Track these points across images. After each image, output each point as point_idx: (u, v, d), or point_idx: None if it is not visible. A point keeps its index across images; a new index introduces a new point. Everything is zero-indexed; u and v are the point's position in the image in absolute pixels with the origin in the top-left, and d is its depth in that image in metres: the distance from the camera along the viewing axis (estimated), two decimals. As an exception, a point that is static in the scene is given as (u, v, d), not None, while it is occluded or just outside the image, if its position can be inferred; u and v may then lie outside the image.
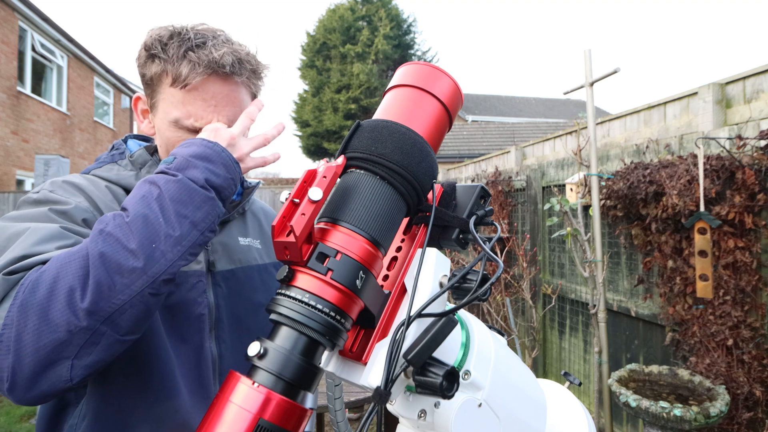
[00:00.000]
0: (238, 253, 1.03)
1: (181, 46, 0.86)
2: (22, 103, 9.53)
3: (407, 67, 0.64)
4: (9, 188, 9.01)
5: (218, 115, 0.89)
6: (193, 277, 0.93)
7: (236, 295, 1.00)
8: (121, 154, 0.98)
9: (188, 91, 0.87)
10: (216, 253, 0.99)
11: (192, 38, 0.87)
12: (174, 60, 0.86)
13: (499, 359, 0.59)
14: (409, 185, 0.55)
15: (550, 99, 25.31)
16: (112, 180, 0.93)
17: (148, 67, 0.89)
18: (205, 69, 0.86)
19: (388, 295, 0.55)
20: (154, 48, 0.87)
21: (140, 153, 0.96)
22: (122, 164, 0.96)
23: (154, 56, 0.87)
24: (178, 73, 0.86)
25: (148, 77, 0.90)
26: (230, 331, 0.97)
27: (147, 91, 0.93)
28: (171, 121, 0.89)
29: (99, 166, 0.96)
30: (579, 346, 3.91)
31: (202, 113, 0.88)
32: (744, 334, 2.42)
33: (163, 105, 0.90)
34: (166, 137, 0.91)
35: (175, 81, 0.87)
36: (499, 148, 10.73)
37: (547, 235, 4.38)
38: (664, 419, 2.14)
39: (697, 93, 3.04)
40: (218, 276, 0.98)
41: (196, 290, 0.93)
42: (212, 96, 0.88)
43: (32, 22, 9.70)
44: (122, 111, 15.00)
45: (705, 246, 2.36)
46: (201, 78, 0.86)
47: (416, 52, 22.76)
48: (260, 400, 0.44)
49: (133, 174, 0.94)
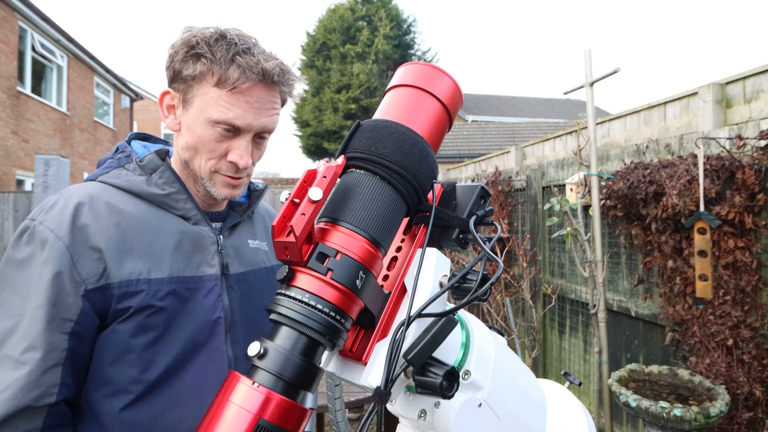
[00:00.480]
0: (248, 255, 1.06)
1: (229, 50, 0.88)
2: (22, 103, 9.53)
3: (407, 67, 0.64)
4: (9, 188, 9.00)
5: (258, 119, 0.91)
6: (209, 282, 0.95)
7: (248, 298, 1.02)
8: (127, 158, 0.98)
9: (233, 93, 0.89)
10: (229, 257, 1.01)
11: (238, 43, 0.90)
12: (222, 62, 0.88)
13: (499, 359, 0.59)
14: (409, 185, 0.55)
15: (550, 99, 25.30)
16: (121, 187, 0.93)
17: (189, 64, 0.90)
18: (256, 76, 0.89)
19: (388, 295, 0.55)
20: (199, 47, 0.89)
21: (151, 158, 0.96)
22: (130, 168, 0.96)
23: (200, 55, 0.89)
24: (226, 75, 0.87)
25: (186, 74, 0.90)
26: (244, 334, 0.99)
27: (180, 87, 0.93)
28: (209, 119, 0.90)
29: (106, 171, 0.96)
30: (579, 346, 3.91)
31: (243, 114, 0.90)
32: (744, 334, 2.42)
33: (201, 103, 0.90)
34: (198, 135, 0.91)
35: (221, 82, 0.88)
36: (499, 148, 10.73)
37: (547, 235, 4.38)
38: (664, 419, 2.14)
39: (697, 93, 3.04)
40: (232, 279, 1.00)
41: (212, 294, 0.95)
42: (256, 100, 0.91)
43: (32, 22, 9.69)
44: (122, 111, 14.99)
45: (705, 246, 2.36)
46: (250, 84, 0.89)
47: (416, 52, 22.75)
48: (260, 400, 0.44)
49: (143, 179, 0.94)
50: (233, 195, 0.98)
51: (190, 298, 0.92)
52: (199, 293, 0.93)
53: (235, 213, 1.08)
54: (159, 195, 0.94)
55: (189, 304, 0.91)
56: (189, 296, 0.92)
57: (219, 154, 0.93)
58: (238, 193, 0.99)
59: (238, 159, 0.92)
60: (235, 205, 1.09)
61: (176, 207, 0.95)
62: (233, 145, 0.93)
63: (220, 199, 0.98)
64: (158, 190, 0.94)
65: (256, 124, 0.92)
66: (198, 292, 0.93)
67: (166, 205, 0.95)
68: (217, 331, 0.95)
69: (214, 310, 0.94)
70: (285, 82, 0.94)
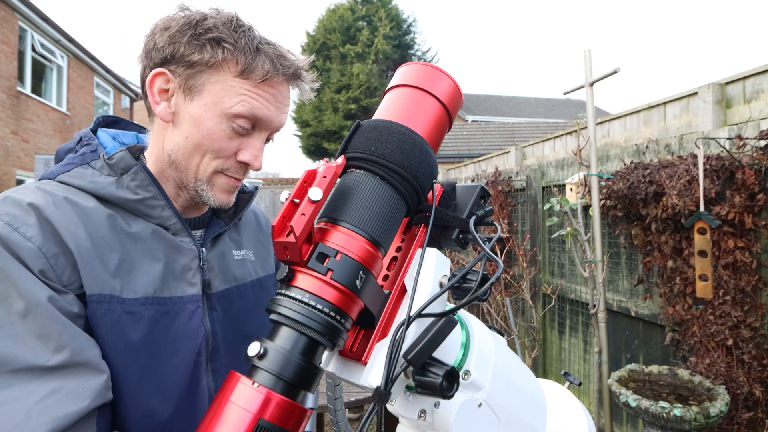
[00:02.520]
0: (233, 269, 0.93)
1: (252, 39, 0.80)
2: (22, 103, 9.53)
3: (407, 68, 0.64)
4: (9, 188, 8.99)
5: (279, 115, 0.84)
6: (190, 303, 0.82)
7: (231, 319, 0.89)
8: (93, 152, 0.81)
9: (260, 86, 0.79)
10: (212, 272, 0.88)
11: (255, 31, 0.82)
12: (247, 50, 0.78)
13: (499, 359, 0.59)
14: (409, 185, 0.55)
15: (550, 99, 25.30)
16: (86, 189, 0.77)
17: (206, 49, 0.78)
18: (287, 69, 0.81)
19: (388, 295, 0.55)
20: (219, 32, 0.78)
21: (122, 156, 0.79)
22: (97, 166, 0.79)
23: (221, 40, 0.78)
24: (254, 65, 0.78)
25: (196, 59, 0.78)
26: (226, 362, 0.87)
27: (181, 71, 0.79)
28: (227, 112, 0.78)
29: (66, 169, 0.80)
30: (579, 346, 3.91)
31: (268, 107, 0.81)
32: (744, 334, 2.42)
33: (217, 92, 0.79)
34: (208, 129, 0.79)
35: (247, 72, 0.78)
36: (499, 148, 10.72)
37: (547, 235, 4.38)
38: (664, 419, 2.14)
39: (697, 93, 3.04)
40: (214, 298, 0.87)
41: (195, 318, 0.82)
42: (280, 93, 0.83)
43: (32, 22, 9.69)
44: (122, 111, 14.99)
45: (705, 246, 2.36)
46: (282, 78, 0.81)
47: (416, 52, 22.75)
48: (260, 400, 0.44)
49: (112, 181, 0.78)
50: (229, 202, 0.86)
51: (171, 323, 0.78)
52: (179, 318, 0.79)
53: (220, 220, 0.94)
54: (131, 200, 0.79)
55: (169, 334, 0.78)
56: (168, 321, 0.78)
57: (228, 154, 0.82)
58: (233, 200, 0.88)
59: (252, 159, 0.82)
60: (219, 211, 0.94)
61: (152, 215, 0.80)
62: (247, 143, 0.82)
63: (214, 206, 0.86)
64: (130, 194, 0.79)
65: (276, 121, 0.83)
66: (178, 317, 0.79)
67: (140, 212, 0.80)
68: (198, 362, 0.81)
69: (196, 336, 0.81)
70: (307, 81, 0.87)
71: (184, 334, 0.80)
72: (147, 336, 0.75)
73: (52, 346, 0.64)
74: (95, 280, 0.71)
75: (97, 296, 0.71)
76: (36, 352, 0.63)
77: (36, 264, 0.67)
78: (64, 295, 0.68)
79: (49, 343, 0.64)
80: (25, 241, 0.67)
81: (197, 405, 0.81)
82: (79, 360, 0.66)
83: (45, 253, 0.68)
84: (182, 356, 0.79)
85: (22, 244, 0.67)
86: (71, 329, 0.67)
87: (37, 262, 0.67)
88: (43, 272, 0.67)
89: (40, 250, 0.68)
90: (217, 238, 0.92)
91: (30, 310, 0.64)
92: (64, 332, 0.65)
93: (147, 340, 0.75)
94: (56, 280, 0.68)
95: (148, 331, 0.75)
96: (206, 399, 0.82)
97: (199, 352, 0.81)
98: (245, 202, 0.98)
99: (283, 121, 0.85)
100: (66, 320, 0.66)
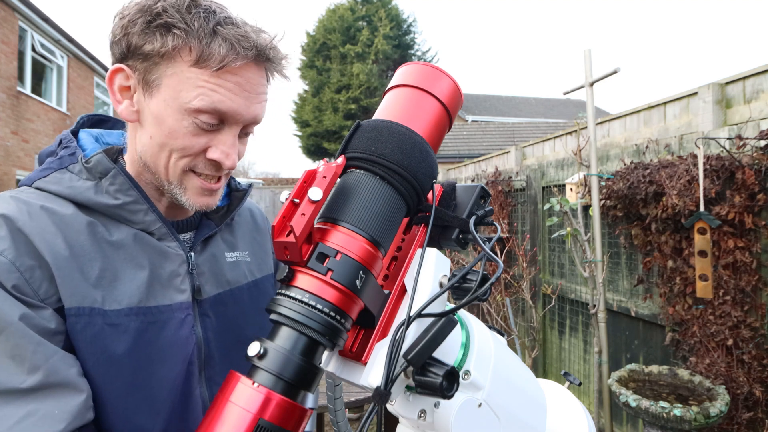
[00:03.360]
0: (226, 272, 0.88)
1: (209, 20, 0.70)
2: (22, 103, 9.53)
3: (407, 68, 0.64)
4: (9, 188, 9.00)
5: (249, 106, 0.74)
6: (179, 312, 0.77)
7: (226, 324, 0.85)
8: (71, 156, 0.76)
9: (219, 74, 0.70)
10: (202, 276, 0.83)
11: (216, 11, 0.71)
12: (201, 34, 0.69)
13: (499, 359, 0.59)
14: (409, 185, 0.55)
15: (550, 99, 25.31)
16: (63, 195, 0.73)
17: (155, 37, 0.69)
18: (249, 52, 0.71)
19: (388, 295, 0.55)
20: (168, 15, 0.69)
21: (98, 159, 0.75)
22: (75, 170, 0.75)
23: (170, 26, 0.69)
24: (209, 51, 0.69)
25: (148, 49, 0.70)
26: (222, 368, 0.83)
27: (137, 65, 0.72)
28: (186, 107, 0.70)
29: (44, 174, 0.75)
30: (579, 346, 3.91)
31: (232, 98, 0.72)
32: (744, 334, 2.42)
33: (174, 86, 0.71)
34: (169, 127, 0.72)
35: (203, 60, 0.69)
36: (499, 148, 10.72)
37: (547, 235, 4.38)
38: (664, 419, 2.14)
39: (697, 93, 3.04)
40: (206, 304, 0.82)
41: (185, 327, 0.77)
42: (247, 82, 0.73)
43: (32, 22, 9.69)
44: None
45: (705, 246, 2.36)
46: (243, 62, 0.71)
47: (416, 52, 22.76)
48: (260, 400, 0.44)
49: (91, 185, 0.74)
50: (210, 204, 0.79)
51: (158, 333, 0.74)
52: (168, 327, 0.75)
53: (210, 221, 0.89)
54: (111, 205, 0.74)
55: (157, 344, 0.73)
56: (156, 332, 0.74)
57: (195, 152, 0.74)
58: (215, 202, 0.80)
59: (223, 158, 0.74)
60: (210, 211, 0.88)
61: (134, 220, 0.76)
62: (216, 140, 0.74)
63: (192, 210, 0.81)
64: (110, 199, 0.74)
65: (246, 113, 0.74)
66: (167, 326, 0.75)
67: (121, 218, 0.75)
68: (190, 372, 0.78)
69: (187, 345, 0.77)
70: (278, 61, 0.76)
71: (173, 343, 0.76)
72: (132, 348, 0.71)
73: (26, 367, 0.61)
74: (73, 292, 0.68)
75: (76, 309, 0.67)
76: (9, 373, 0.61)
77: (9, 279, 0.63)
78: (40, 311, 0.65)
79: (23, 365, 0.61)
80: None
81: (189, 417, 0.77)
82: (55, 380, 0.63)
83: (18, 267, 0.64)
84: (172, 366, 0.75)
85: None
86: (45, 348, 0.63)
87: (10, 277, 0.63)
88: (17, 287, 0.64)
89: (13, 264, 0.64)
90: (207, 240, 0.87)
91: (2, 330, 0.61)
92: (37, 352, 0.62)
93: (132, 353, 0.71)
94: (32, 295, 0.65)
95: (134, 343, 0.71)
96: (200, 410, 0.79)
97: (190, 361, 0.78)
98: (238, 200, 0.93)
99: (256, 112, 0.76)
100: (40, 339, 0.63)
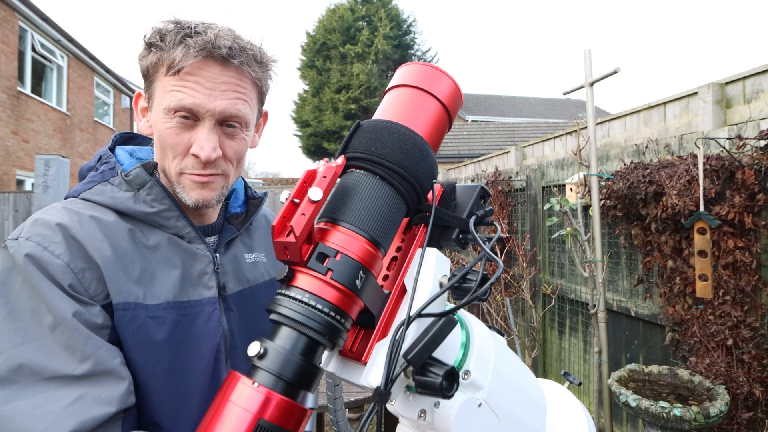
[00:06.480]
0: (246, 272, 0.98)
1: (179, 33, 0.80)
2: (22, 103, 9.53)
3: (407, 68, 0.64)
4: (9, 188, 9.00)
5: (212, 101, 0.81)
6: (208, 306, 0.88)
7: (247, 318, 0.95)
8: (111, 170, 0.88)
9: (181, 77, 0.80)
10: (226, 275, 0.94)
11: (192, 27, 0.81)
12: (170, 48, 0.79)
13: (499, 359, 0.59)
14: (409, 185, 0.55)
15: (550, 99, 25.31)
16: (106, 204, 0.84)
17: (145, 59, 0.83)
18: (198, 51, 0.78)
19: (388, 295, 0.55)
20: (152, 38, 0.81)
21: (137, 172, 0.86)
22: (115, 183, 0.86)
23: (152, 46, 0.81)
24: (171, 58, 0.79)
25: (144, 69, 0.84)
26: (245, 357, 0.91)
27: (146, 87, 0.87)
28: (163, 110, 0.81)
29: (88, 186, 0.86)
30: (579, 346, 3.91)
31: (193, 94, 0.80)
32: (744, 334, 2.42)
33: (159, 95, 0.83)
34: (159, 131, 0.83)
35: (169, 68, 0.80)
36: (499, 148, 10.72)
37: (547, 235, 4.38)
38: (664, 419, 2.14)
39: (697, 93, 3.04)
40: (230, 300, 0.93)
41: (213, 319, 0.88)
42: (207, 80, 0.81)
43: (32, 22, 9.69)
44: (122, 111, 15.00)
45: (705, 246, 2.36)
46: (195, 61, 0.79)
47: (416, 52, 22.76)
48: (260, 400, 0.44)
49: (130, 196, 0.85)
50: (206, 198, 0.87)
51: (190, 325, 0.84)
52: (198, 320, 0.85)
53: (232, 226, 1.00)
54: (148, 213, 0.85)
55: (189, 335, 0.83)
56: (189, 323, 0.84)
57: (182, 150, 0.84)
58: (212, 196, 0.88)
59: (198, 150, 0.82)
60: (231, 217, 1.01)
61: (167, 225, 0.87)
62: (194, 136, 0.83)
63: (192, 205, 0.88)
64: (147, 207, 0.85)
65: (211, 107, 0.81)
66: (197, 319, 0.85)
67: (156, 224, 0.86)
68: (218, 359, 0.87)
69: (215, 336, 0.87)
70: (241, 56, 0.82)
71: (203, 334, 0.86)
72: (170, 337, 0.81)
73: (78, 356, 0.70)
74: (120, 290, 0.78)
75: (123, 304, 0.77)
76: (64, 362, 0.70)
77: (65, 279, 0.73)
78: (90, 308, 0.74)
79: (75, 354, 0.70)
80: (54, 259, 0.73)
81: None
82: (102, 369, 0.72)
83: (73, 269, 0.74)
84: (203, 355, 0.85)
85: (52, 262, 0.73)
86: (94, 341, 0.72)
87: (65, 278, 0.73)
88: (72, 286, 0.73)
89: (68, 266, 0.74)
90: (229, 243, 0.98)
91: (58, 324, 0.71)
92: (87, 344, 0.71)
93: (170, 341, 0.81)
94: (84, 293, 0.74)
95: (171, 332, 0.81)
96: None
97: (218, 350, 0.88)
98: (255, 207, 1.05)
99: (224, 106, 0.82)
100: (89, 333, 0.72)
